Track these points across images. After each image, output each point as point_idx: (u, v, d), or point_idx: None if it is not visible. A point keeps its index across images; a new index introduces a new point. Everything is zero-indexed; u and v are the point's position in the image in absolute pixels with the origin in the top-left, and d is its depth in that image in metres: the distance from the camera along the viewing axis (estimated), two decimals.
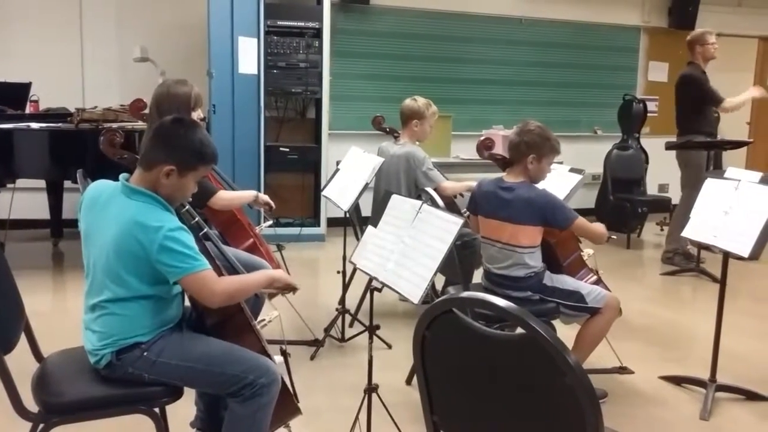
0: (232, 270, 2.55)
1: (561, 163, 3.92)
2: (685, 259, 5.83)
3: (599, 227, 3.21)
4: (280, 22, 6.23)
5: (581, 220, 3.07)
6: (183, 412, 2.58)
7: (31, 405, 2.06)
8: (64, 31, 6.44)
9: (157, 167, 2.11)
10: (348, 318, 4.02)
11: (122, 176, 2.18)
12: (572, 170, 3.67)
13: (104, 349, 2.10)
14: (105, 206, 2.14)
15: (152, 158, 2.13)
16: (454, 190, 4.18)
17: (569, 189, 3.52)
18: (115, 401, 2.13)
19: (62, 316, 4.35)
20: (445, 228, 2.25)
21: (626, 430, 1.96)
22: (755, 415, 3.21)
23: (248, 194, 3.48)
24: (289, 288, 2.37)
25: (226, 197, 3.29)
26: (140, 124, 4.11)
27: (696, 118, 5.72)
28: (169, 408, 2.28)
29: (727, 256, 3.21)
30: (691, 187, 5.58)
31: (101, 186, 2.22)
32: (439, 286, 4.06)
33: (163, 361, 2.12)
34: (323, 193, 4.08)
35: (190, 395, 2.46)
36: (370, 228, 2.61)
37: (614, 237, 3.30)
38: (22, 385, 2.02)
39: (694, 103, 5.69)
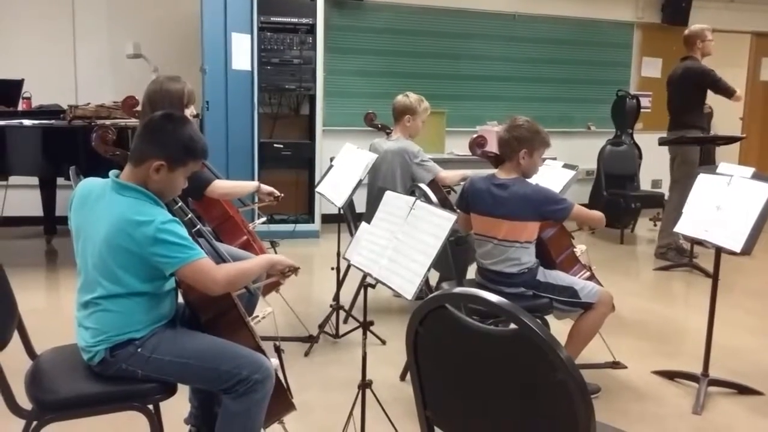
0: None
1: (555, 158, 3.92)
2: (678, 254, 5.85)
3: (596, 212, 3.25)
4: (273, 18, 6.21)
5: (578, 208, 3.11)
6: (177, 408, 2.58)
7: (25, 402, 2.05)
8: (57, 28, 6.41)
9: (146, 162, 2.10)
10: (342, 314, 4.02)
11: (112, 173, 2.17)
12: (566, 166, 3.68)
13: (98, 346, 2.09)
14: (96, 203, 2.13)
15: (142, 153, 2.13)
16: (452, 179, 4.19)
17: (563, 185, 3.53)
18: (109, 398, 2.13)
19: (55, 314, 4.34)
20: (439, 224, 2.25)
21: (619, 425, 1.96)
22: (747, 409, 3.23)
23: (250, 185, 3.49)
24: (291, 269, 2.35)
25: (223, 185, 3.30)
26: (133, 121, 4.09)
27: (693, 113, 5.73)
28: (163, 404, 2.28)
29: (719, 251, 3.22)
30: (683, 182, 5.61)
31: (92, 183, 2.21)
32: (433, 282, 4.07)
33: (157, 357, 2.11)
34: (317, 189, 4.08)
35: (184, 391, 2.46)
36: (363, 224, 2.61)
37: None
38: (15, 383, 2.02)
39: (700, 95, 5.67)
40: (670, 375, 3.52)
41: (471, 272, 3.46)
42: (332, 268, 3.99)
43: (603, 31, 8.09)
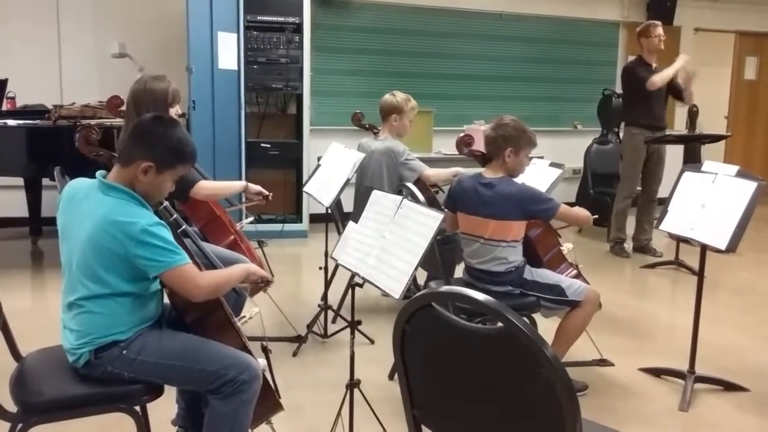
0: (212, 267, 2.54)
1: (541, 157, 3.94)
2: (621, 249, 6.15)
3: (582, 211, 3.27)
4: (260, 17, 6.19)
5: (564, 208, 3.11)
6: (164, 409, 2.57)
7: (10, 405, 2.04)
8: (41, 27, 6.36)
9: (134, 163, 2.10)
10: (330, 314, 4.01)
11: (99, 173, 2.16)
12: (552, 165, 3.70)
13: (82, 348, 2.08)
14: (81, 203, 2.12)
15: (130, 154, 2.12)
16: (438, 177, 4.19)
17: (549, 183, 3.54)
18: (95, 400, 2.12)
19: (41, 315, 4.30)
20: (426, 223, 2.25)
21: (606, 422, 1.98)
22: (733, 405, 3.25)
23: (237, 185, 3.48)
24: (264, 280, 2.37)
25: (208, 186, 3.27)
26: (118, 121, 4.07)
27: (632, 110, 5.90)
28: (150, 405, 2.27)
29: (704, 248, 3.24)
30: (625, 179, 6.03)
31: (79, 183, 2.20)
32: (421, 281, 4.07)
33: (143, 359, 2.10)
34: (305, 189, 4.07)
35: (171, 392, 2.45)
36: (351, 223, 2.61)
37: (596, 216, 3.32)
38: (0, 385, 2.01)
39: (631, 92, 5.86)
40: (657, 372, 3.54)
41: (459, 271, 3.47)
42: (320, 268, 3.98)
43: (589, 30, 8.14)
